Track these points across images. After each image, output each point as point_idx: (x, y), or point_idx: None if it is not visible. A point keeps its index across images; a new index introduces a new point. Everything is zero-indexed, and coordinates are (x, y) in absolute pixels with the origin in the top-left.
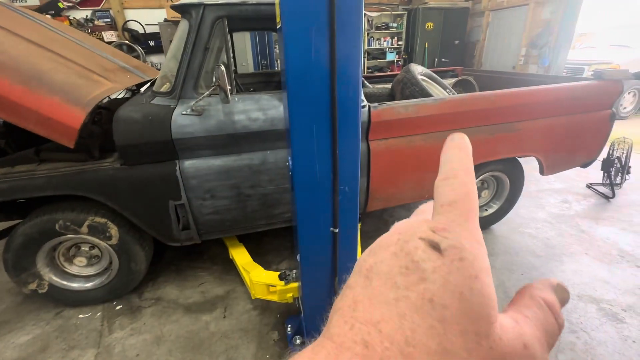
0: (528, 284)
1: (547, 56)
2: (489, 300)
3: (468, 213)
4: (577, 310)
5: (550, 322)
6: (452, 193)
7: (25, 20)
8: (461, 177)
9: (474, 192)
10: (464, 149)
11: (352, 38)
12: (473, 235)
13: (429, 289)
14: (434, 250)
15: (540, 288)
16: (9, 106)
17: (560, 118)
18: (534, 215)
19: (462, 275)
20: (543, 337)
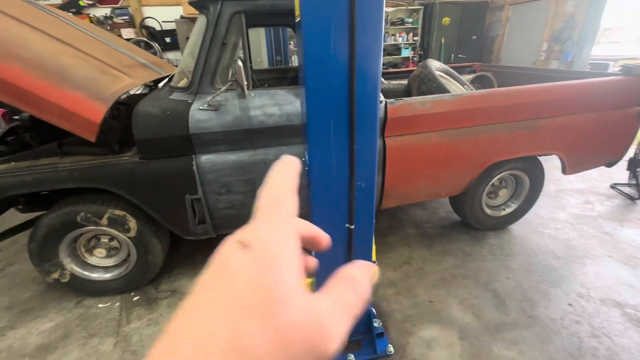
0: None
1: (570, 51)
2: (281, 283)
3: (277, 212)
4: (600, 314)
5: (352, 295)
6: (265, 199)
7: (49, 17)
8: (276, 186)
9: (286, 197)
10: (286, 167)
11: (373, 33)
12: (278, 229)
13: (233, 284)
14: (243, 248)
15: (348, 268)
16: (35, 101)
17: (584, 115)
18: (553, 215)
19: (261, 265)
20: (343, 309)
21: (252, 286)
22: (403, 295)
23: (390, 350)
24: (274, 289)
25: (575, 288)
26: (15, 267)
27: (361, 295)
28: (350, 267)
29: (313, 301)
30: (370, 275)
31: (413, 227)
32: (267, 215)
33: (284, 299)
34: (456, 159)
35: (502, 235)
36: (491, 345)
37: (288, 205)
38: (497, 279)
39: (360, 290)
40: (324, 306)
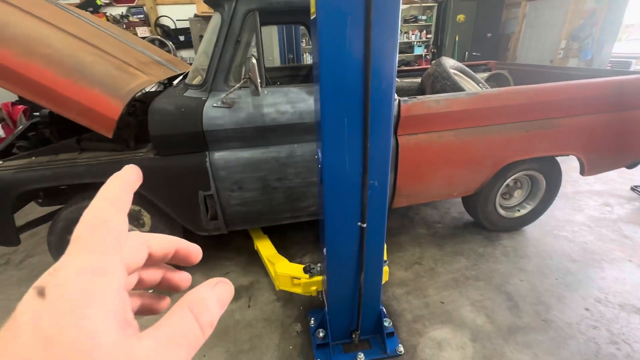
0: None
1: (589, 49)
2: (82, 335)
3: (90, 244)
4: (619, 320)
5: (188, 323)
6: (80, 227)
7: (69, 15)
8: (99, 208)
9: (109, 221)
10: (121, 179)
11: (388, 29)
12: (88, 265)
13: (17, 343)
14: (38, 296)
15: (196, 288)
16: (55, 97)
17: (605, 115)
18: (570, 217)
19: (56, 314)
20: (174, 343)
21: (42, 344)
22: (413, 295)
23: (400, 350)
24: (71, 342)
25: (593, 292)
26: (35, 258)
27: (205, 320)
28: (197, 287)
29: (130, 346)
30: (221, 295)
31: (424, 226)
32: (80, 248)
33: (85, 351)
34: (470, 158)
35: (516, 237)
36: (504, 348)
37: (111, 230)
38: (510, 281)
39: (203, 314)
40: (144, 349)
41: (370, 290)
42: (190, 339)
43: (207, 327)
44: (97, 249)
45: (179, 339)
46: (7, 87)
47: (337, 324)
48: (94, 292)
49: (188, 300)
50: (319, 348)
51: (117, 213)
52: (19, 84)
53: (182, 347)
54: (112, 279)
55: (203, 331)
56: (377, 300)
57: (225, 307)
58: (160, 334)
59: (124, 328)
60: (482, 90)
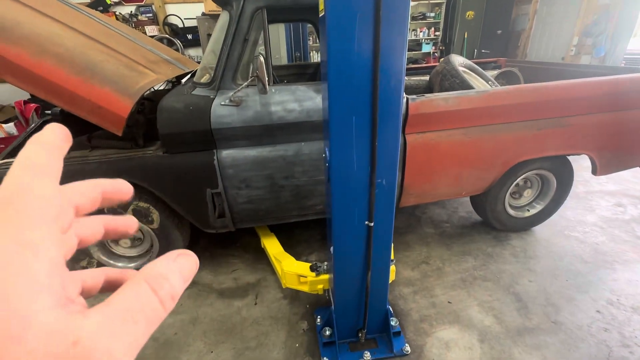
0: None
1: (603, 45)
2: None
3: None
4: (632, 323)
5: (144, 298)
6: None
7: (79, 15)
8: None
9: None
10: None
11: (398, 27)
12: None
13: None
14: None
15: (152, 264)
16: (67, 95)
17: (618, 113)
18: (581, 218)
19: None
20: (123, 318)
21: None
22: (420, 295)
23: (407, 350)
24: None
25: (604, 294)
26: None
27: (165, 292)
28: (156, 260)
29: (72, 323)
30: (183, 265)
31: (432, 226)
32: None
33: (16, 336)
34: (479, 157)
35: (526, 237)
36: (512, 350)
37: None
38: (519, 282)
39: (162, 286)
40: (91, 325)
41: (377, 289)
42: (148, 314)
43: (167, 300)
44: (22, 220)
45: (134, 314)
46: (20, 85)
47: (344, 323)
48: (19, 270)
49: (144, 274)
50: (325, 346)
51: (40, 179)
52: (32, 82)
53: (139, 322)
54: (42, 253)
55: (163, 304)
56: (384, 299)
57: (189, 281)
58: (110, 309)
59: (65, 305)
60: (492, 88)
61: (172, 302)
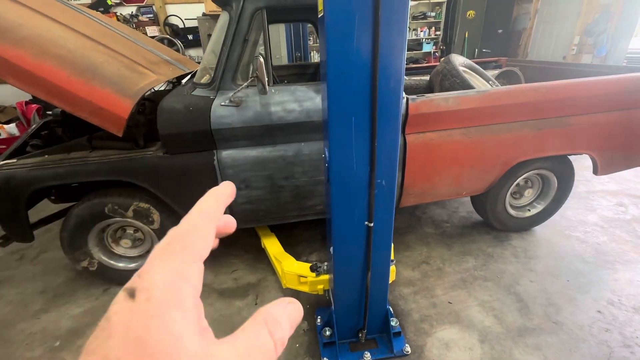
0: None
1: (604, 45)
2: (168, 335)
3: (180, 249)
4: (633, 323)
5: (264, 338)
6: (173, 231)
7: (80, 16)
8: (193, 216)
9: (198, 230)
10: (214, 194)
11: (397, 27)
12: (175, 270)
13: (109, 343)
14: (129, 297)
15: (268, 306)
16: (68, 96)
17: (619, 113)
18: (583, 218)
19: (145, 316)
20: (251, 355)
21: (132, 343)
22: (421, 295)
23: (407, 350)
24: (159, 344)
25: (605, 294)
26: (49, 254)
27: (278, 337)
28: (271, 305)
29: (211, 351)
30: (292, 314)
31: (432, 226)
32: (167, 254)
33: (171, 354)
34: (479, 157)
35: (526, 237)
36: (513, 350)
37: (200, 238)
38: (520, 282)
39: (277, 331)
40: (225, 355)
41: (377, 290)
42: (264, 354)
43: (279, 344)
44: (185, 255)
45: (255, 352)
46: (21, 87)
47: (344, 323)
48: (178, 297)
49: (264, 316)
50: (326, 346)
51: (208, 222)
52: (33, 84)
53: (253, 357)
54: (192, 286)
55: (276, 347)
56: (384, 299)
57: (294, 328)
58: (238, 344)
59: (202, 334)
60: (492, 88)
61: (282, 347)
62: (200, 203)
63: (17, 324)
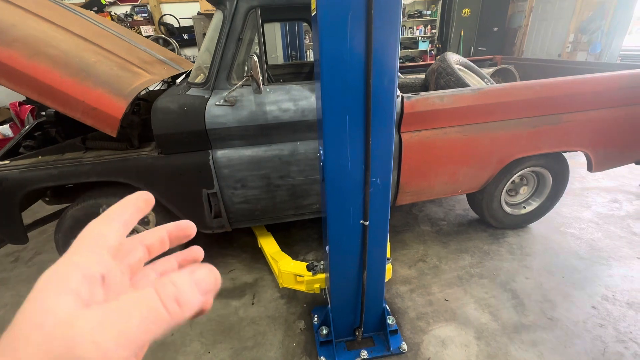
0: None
1: (599, 42)
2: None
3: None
4: (627, 318)
5: (146, 297)
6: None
7: (73, 16)
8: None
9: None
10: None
11: (390, 25)
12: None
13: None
14: None
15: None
16: (61, 97)
17: (613, 110)
18: (577, 214)
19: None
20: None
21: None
22: (417, 293)
23: (404, 348)
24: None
25: (600, 290)
26: (44, 256)
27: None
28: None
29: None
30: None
31: (428, 224)
32: (67, 251)
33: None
34: (475, 155)
35: (522, 234)
36: (509, 347)
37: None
38: (515, 279)
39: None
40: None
41: (373, 288)
42: (144, 311)
43: (170, 302)
44: (74, 249)
45: (130, 309)
46: (13, 88)
47: (341, 322)
48: (55, 278)
49: (155, 280)
50: (323, 345)
51: (107, 224)
52: (25, 84)
53: (133, 317)
54: (79, 268)
55: (165, 305)
56: (380, 297)
57: (208, 292)
58: (111, 305)
59: (86, 304)
60: (487, 86)
61: (177, 305)
62: (106, 211)
63: None
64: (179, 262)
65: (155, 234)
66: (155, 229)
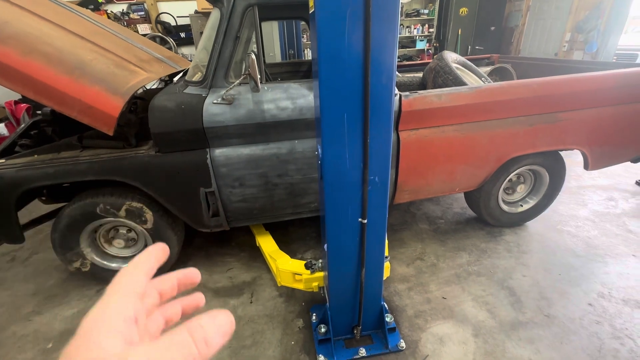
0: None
1: (595, 41)
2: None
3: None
4: (623, 315)
5: (181, 338)
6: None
7: (69, 13)
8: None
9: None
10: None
11: (388, 23)
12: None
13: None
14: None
15: (199, 316)
16: (56, 95)
17: (609, 108)
18: (574, 212)
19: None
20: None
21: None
22: (415, 291)
23: (402, 346)
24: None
25: (596, 287)
26: (40, 255)
27: (198, 336)
28: (201, 315)
29: (130, 352)
30: (220, 321)
31: (426, 222)
32: (104, 294)
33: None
34: (472, 153)
35: (519, 232)
36: (506, 344)
37: (128, 281)
38: (512, 277)
39: (197, 331)
40: (136, 351)
41: (371, 286)
42: (183, 350)
43: (200, 343)
44: (109, 293)
45: (171, 349)
46: (8, 85)
47: (339, 320)
48: (102, 319)
49: (187, 324)
50: (321, 343)
51: (137, 271)
52: (20, 82)
53: (174, 355)
54: (120, 310)
55: (197, 345)
56: (379, 295)
57: (226, 334)
58: (155, 344)
59: (131, 343)
60: (485, 85)
61: (205, 346)
62: (137, 257)
63: (9, 327)
64: (183, 307)
65: (167, 282)
66: (166, 276)
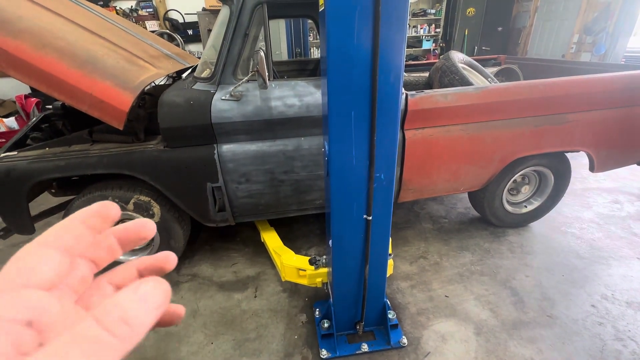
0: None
1: (603, 43)
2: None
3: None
4: (625, 317)
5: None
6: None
7: (80, 9)
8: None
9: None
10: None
11: (397, 23)
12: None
13: None
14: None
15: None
16: (68, 89)
17: (616, 110)
18: (578, 214)
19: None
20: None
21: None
22: (418, 289)
23: (404, 342)
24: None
25: (599, 289)
26: None
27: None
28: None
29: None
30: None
31: (430, 221)
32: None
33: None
34: (477, 153)
35: (523, 233)
36: (508, 343)
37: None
38: (516, 277)
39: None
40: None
41: (375, 283)
42: (86, 346)
43: (116, 326)
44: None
45: (68, 349)
46: (21, 78)
47: (342, 315)
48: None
49: (96, 307)
50: (324, 338)
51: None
52: (33, 76)
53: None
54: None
55: (110, 330)
56: (382, 292)
57: (156, 306)
58: (45, 350)
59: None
60: (491, 85)
61: (126, 326)
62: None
63: None
64: (140, 270)
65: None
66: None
